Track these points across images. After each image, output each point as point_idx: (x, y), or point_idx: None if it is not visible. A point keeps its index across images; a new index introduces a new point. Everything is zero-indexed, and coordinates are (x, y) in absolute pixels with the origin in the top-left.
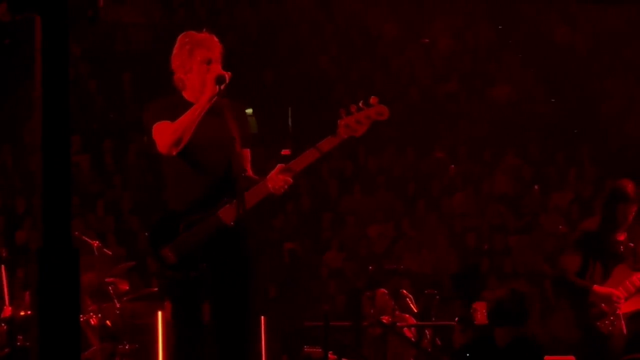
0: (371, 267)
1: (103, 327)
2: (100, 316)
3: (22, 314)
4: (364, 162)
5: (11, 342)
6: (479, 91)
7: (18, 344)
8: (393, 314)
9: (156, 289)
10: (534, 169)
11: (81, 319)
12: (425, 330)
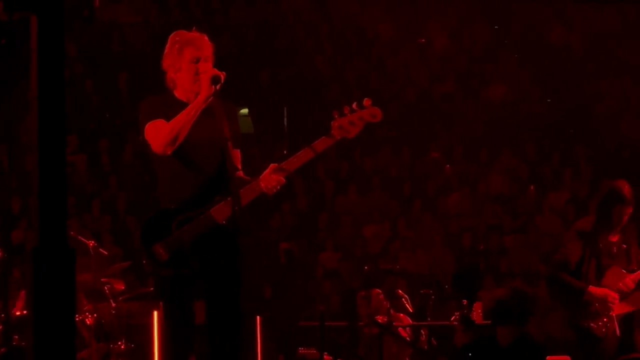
0: (366, 267)
1: (99, 327)
2: (95, 316)
3: (18, 313)
4: (359, 162)
5: (7, 342)
6: (475, 91)
7: (14, 343)
8: (388, 313)
9: (152, 288)
10: (529, 169)
11: (77, 319)
12: (421, 330)
